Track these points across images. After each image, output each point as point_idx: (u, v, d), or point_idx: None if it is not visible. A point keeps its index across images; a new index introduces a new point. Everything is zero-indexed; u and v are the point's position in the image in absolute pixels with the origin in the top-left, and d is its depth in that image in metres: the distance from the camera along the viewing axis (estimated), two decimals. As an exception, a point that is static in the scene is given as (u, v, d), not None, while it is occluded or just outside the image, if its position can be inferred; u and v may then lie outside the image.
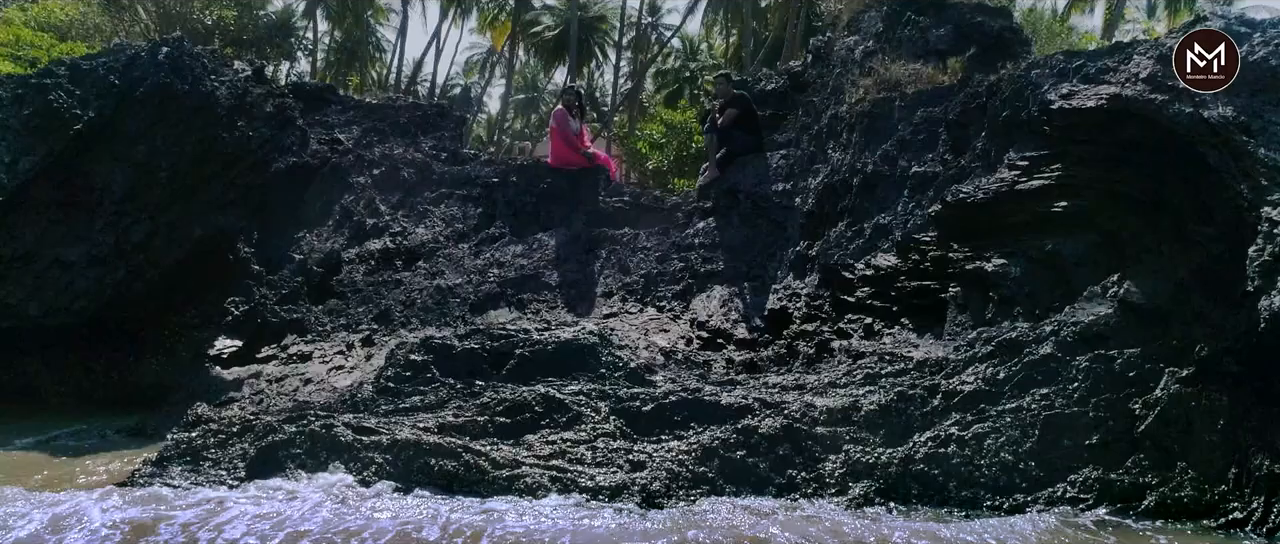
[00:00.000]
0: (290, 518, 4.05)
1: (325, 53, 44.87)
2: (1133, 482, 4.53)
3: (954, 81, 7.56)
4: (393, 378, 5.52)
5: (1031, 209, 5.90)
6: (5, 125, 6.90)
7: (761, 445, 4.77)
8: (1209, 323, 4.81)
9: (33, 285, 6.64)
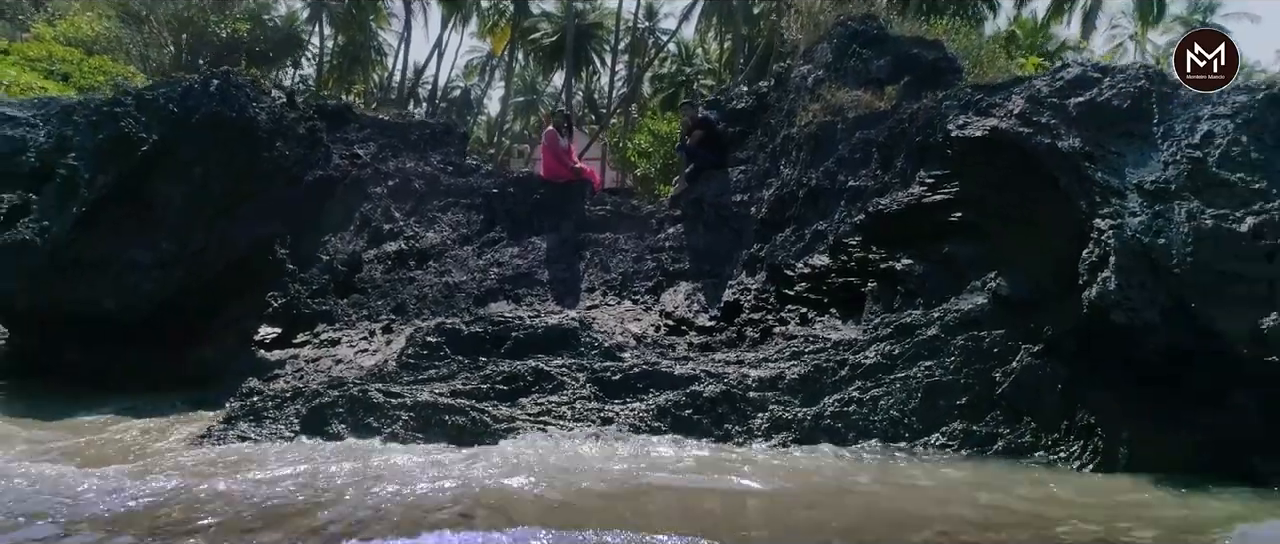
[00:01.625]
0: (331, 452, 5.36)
1: (329, 57, 46.10)
2: (989, 432, 5.84)
3: (889, 107, 8.86)
4: (413, 355, 6.84)
5: (934, 219, 7.23)
6: (82, 148, 8.23)
7: (704, 406, 6.08)
8: (1056, 312, 6.12)
9: (109, 284, 7.94)
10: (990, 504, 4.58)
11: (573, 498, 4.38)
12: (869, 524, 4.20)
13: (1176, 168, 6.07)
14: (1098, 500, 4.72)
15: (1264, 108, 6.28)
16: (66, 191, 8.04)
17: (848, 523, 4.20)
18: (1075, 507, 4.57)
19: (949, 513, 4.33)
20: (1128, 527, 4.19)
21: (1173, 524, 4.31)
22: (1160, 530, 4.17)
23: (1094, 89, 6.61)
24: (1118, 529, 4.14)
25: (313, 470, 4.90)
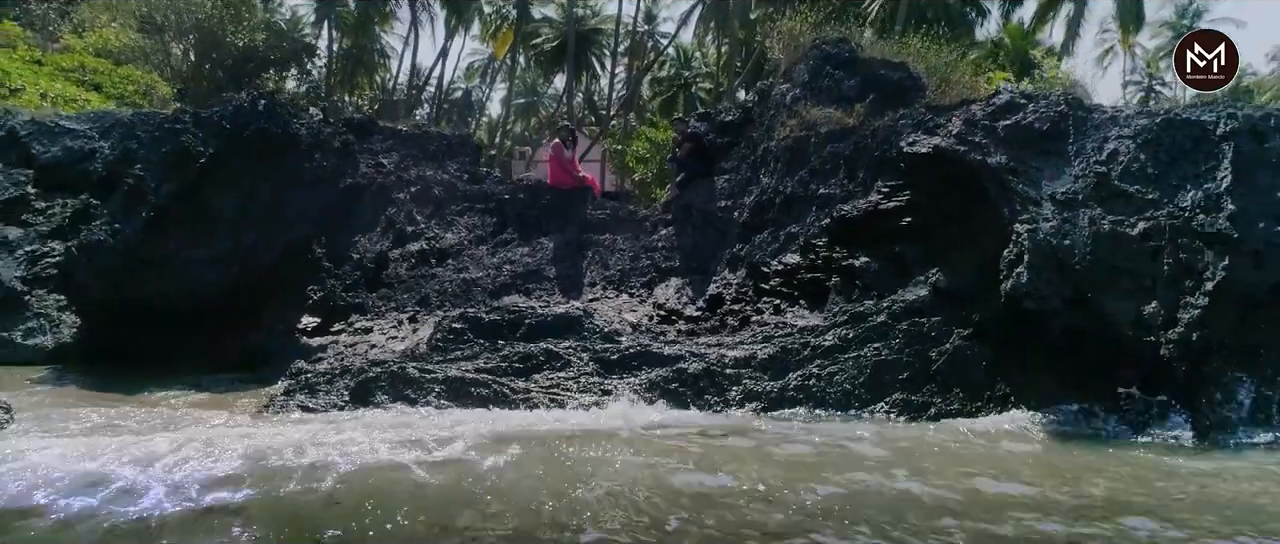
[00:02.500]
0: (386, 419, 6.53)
1: (334, 60, 47.19)
2: (924, 401, 7.02)
3: (857, 123, 10.04)
4: (441, 339, 8.01)
5: (888, 223, 8.41)
6: (148, 161, 9.40)
7: (688, 380, 7.26)
8: (984, 301, 7.29)
9: (172, 279, 9.10)
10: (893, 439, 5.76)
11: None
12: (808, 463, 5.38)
13: (1084, 181, 7.25)
14: (990, 443, 5.90)
15: (1160, 130, 7.46)
16: (135, 198, 9.20)
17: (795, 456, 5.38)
18: (969, 443, 5.74)
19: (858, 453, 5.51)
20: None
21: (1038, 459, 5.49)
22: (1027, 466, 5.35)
23: (1020, 113, 7.79)
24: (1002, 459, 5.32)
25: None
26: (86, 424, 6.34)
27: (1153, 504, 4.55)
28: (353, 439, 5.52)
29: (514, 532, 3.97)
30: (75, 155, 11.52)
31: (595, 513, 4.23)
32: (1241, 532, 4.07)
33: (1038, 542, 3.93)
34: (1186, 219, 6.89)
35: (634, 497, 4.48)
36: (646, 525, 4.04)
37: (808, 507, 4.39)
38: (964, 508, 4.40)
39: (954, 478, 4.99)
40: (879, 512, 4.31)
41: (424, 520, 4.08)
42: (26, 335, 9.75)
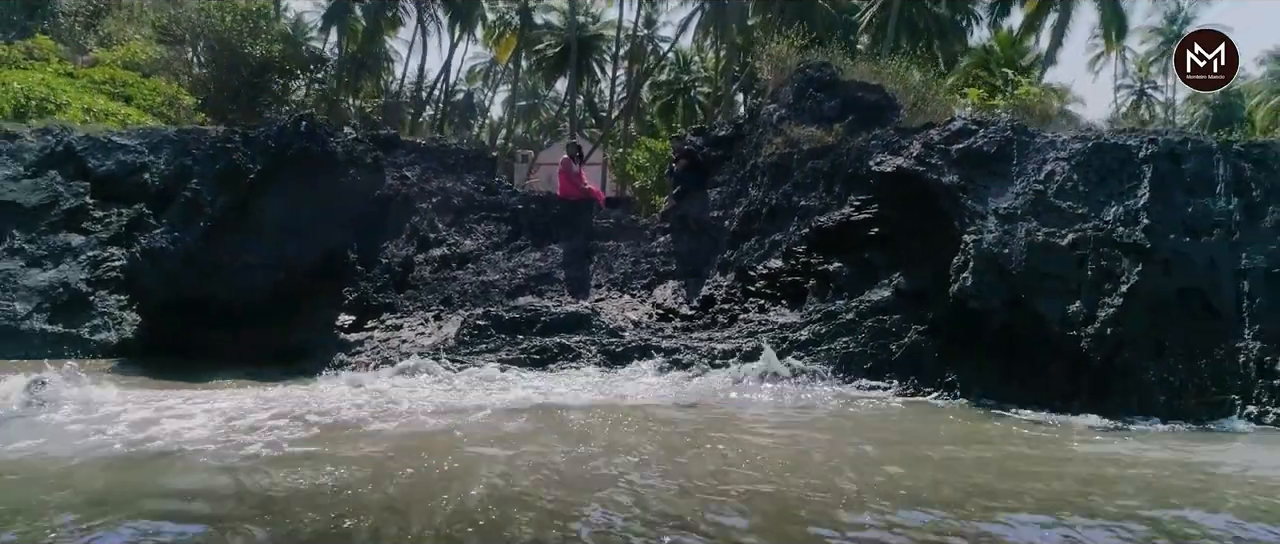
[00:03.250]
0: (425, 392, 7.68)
1: (338, 63, 48.24)
2: (884, 383, 8.18)
3: (836, 141, 11.19)
4: (467, 335, 9.18)
5: (858, 233, 9.58)
6: (203, 176, 10.57)
7: (681, 367, 8.42)
8: (937, 301, 8.46)
9: (226, 282, 10.25)
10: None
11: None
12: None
13: (1024, 197, 8.42)
14: (938, 418, 7.06)
15: (1091, 153, 8.63)
16: (192, 210, 10.37)
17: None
18: (907, 418, 6.91)
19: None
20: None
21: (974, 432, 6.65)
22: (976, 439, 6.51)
23: (971, 138, 8.96)
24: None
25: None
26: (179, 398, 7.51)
27: (999, 467, 5.66)
28: (406, 407, 6.70)
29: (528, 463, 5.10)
30: (128, 168, 12.67)
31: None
32: (1076, 499, 5.18)
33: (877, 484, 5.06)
34: (1109, 231, 8.06)
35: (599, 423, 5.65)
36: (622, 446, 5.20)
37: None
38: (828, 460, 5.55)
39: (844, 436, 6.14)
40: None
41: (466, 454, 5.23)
42: (93, 332, 10.92)
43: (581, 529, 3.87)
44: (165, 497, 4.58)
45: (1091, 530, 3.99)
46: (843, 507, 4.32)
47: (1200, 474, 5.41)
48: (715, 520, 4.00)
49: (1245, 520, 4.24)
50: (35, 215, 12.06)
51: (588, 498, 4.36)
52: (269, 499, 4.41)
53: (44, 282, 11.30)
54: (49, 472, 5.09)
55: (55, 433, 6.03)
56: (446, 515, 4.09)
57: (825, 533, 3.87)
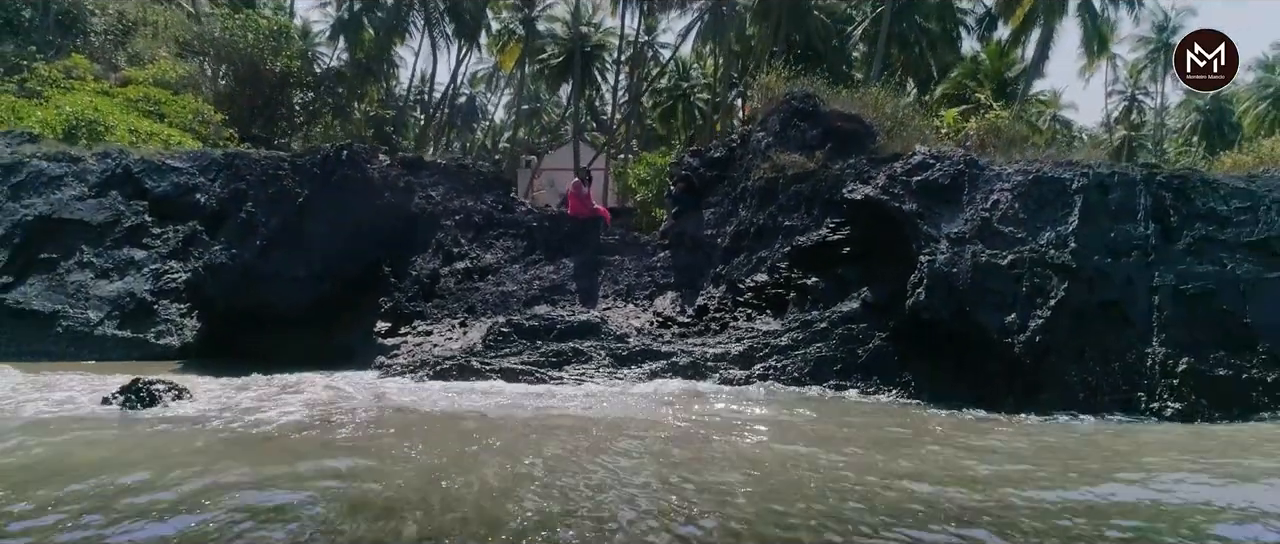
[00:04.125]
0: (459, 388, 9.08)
1: (344, 68, 49.60)
2: (851, 383, 9.58)
3: (817, 167, 12.58)
4: (493, 340, 10.58)
5: (833, 252, 10.98)
6: (258, 199, 11.98)
7: (679, 369, 9.83)
8: (898, 312, 9.85)
9: (278, 292, 11.66)
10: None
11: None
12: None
13: (972, 224, 9.83)
14: (897, 412, 8.46)
15: (1031, 184, 10.04)
16: (248, 229, 11.79)
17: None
18: (872, 414, 8.31)
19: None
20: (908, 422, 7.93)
21: (934, 421, 8.05)
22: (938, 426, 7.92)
23: (928, 171, 10.37)
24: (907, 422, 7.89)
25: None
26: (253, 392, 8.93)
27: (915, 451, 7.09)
28: (444, 398, 8.12)
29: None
30: (181, 189, 14.09)
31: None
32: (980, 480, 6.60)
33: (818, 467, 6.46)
34: (1042, 253, 9.47)
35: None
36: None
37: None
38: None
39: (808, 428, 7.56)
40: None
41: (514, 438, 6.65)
42: (158, 337, 12.34)
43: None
44: (281, 466, 6.00)
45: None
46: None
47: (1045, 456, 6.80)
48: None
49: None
50: (101, 232, 13.47)
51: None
52: (365, 466, 5.83)
53: (112, 292, 12.72)
54: (176, 451, 6.50)
55: (177, 422, 7.45)
56: (506, 480, 5.51)
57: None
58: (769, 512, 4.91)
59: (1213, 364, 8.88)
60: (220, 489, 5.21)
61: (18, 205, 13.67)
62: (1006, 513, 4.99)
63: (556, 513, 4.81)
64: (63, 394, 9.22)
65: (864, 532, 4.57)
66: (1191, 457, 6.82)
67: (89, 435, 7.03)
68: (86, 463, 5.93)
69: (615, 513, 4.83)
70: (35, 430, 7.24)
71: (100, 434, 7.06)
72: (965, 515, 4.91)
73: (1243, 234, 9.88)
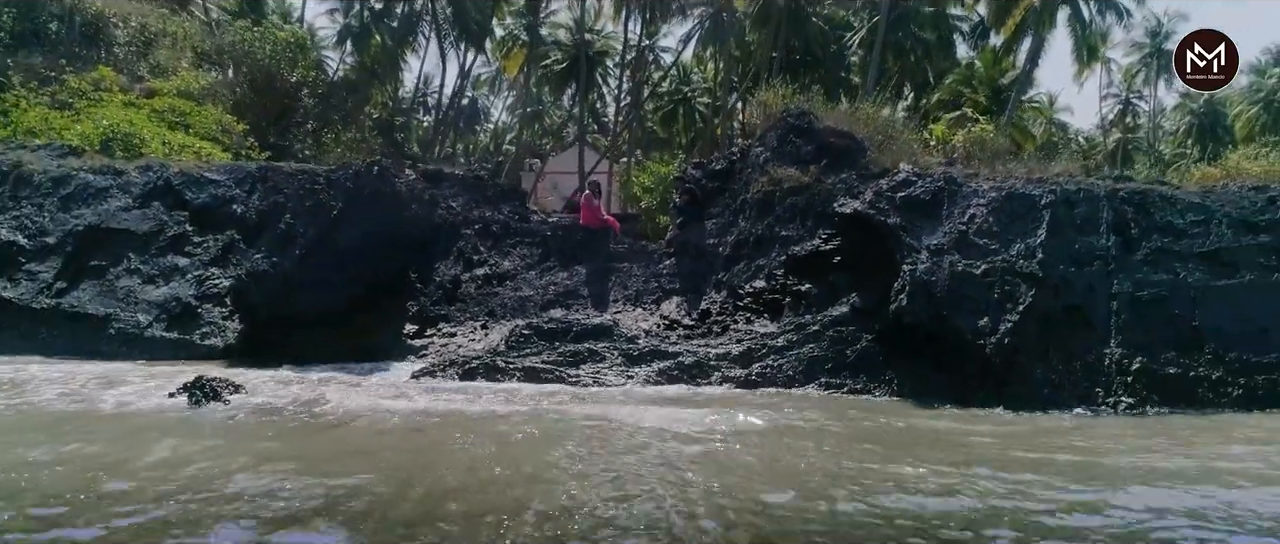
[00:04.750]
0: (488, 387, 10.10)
1: (349, 72, 50.59)
2: (841, 381, 10.60)
3: (812, 180, 13.59)
4: (514, 341, 11.60)
5: (825, 260, 12.01)
6: (295, 211, 13.00)
7: (684, 368, 10.85)
8: (883, 315, 10.88)
9: (314, 297, 12.68)
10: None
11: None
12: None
13: (950, 236, 10.85)
14: (878, 409, 9.49)
15: (1004, 200, 11.06)
16: (287, 239, 12.81)
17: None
18: (862, 409, 9.33)
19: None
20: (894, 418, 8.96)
21: (913, 415, 9.07)
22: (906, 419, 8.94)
23: (911, 187, 11.39)
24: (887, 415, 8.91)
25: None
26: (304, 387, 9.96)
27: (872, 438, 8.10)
28: (475, 394, 9.16)
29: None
30: (219, 201, 15.09)
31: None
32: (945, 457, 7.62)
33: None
34: (1013, 263, 10.49)
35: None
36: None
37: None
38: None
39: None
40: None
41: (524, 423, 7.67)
42: (202, 338, 13.34)
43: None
44: (342, 453, 7.02)
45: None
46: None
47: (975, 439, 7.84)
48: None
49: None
50: (146, 241, 14.48)
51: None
52: (413, 454, 6.86)
53: (159, 297, 13.74)
54: (250, 441, 7.53)
55: (242, 414, 8.49)
56: (545, 462, 6.54)
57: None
58: (771, 485, 5.95)
59: (1163, 364, 9.91)
60: (296, 473, 6.22)
61: (68, 216, 14.69)
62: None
63: (586, 491, 5.84)
64: (129, 389, 10.29)
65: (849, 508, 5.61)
66: (1114, 443, 7.86)
67: (167, 426, 8.07)
68: (179, 455, 6.95)
69: (653, 495, 5.86)
70: (116, 422, 8.29)
71: (177, 425, 8.10)
72: (942, 491, 5.95)
73: (1196, 245, 10.91)
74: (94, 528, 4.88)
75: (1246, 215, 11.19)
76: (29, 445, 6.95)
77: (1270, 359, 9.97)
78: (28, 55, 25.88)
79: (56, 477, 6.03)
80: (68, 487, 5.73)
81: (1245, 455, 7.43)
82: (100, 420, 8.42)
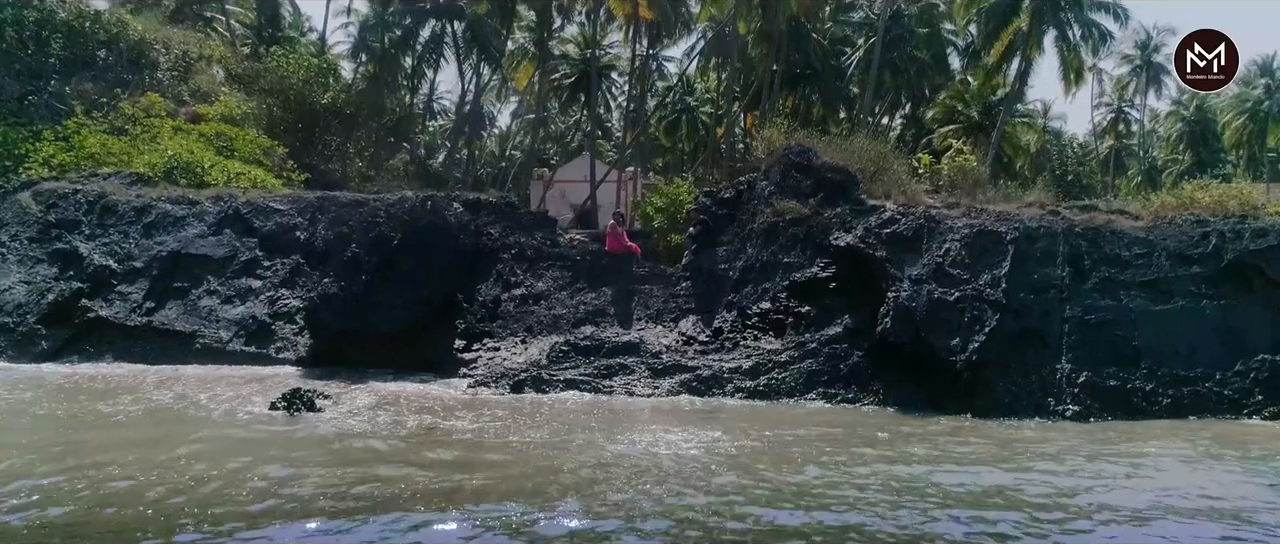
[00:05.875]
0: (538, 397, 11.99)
1: (360, 81, 52.37)
2: (834, 393, 12.50)
3: (811, 213, 15.48)
4: (554, 356, 13.50)
5: (823, 286, 13.91)
6: (361, 241, 14.89)
7: (703, 381, 12.75)
8: (871, 335, 12.77)
9: (377, 316, 14.56)
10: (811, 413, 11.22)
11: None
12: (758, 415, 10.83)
13: (928, 267, 12.75)
14: (862, 416, 11.38)
15: (975, 236, 12.96)
16: (354, 266, 14.70)
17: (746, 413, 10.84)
18: (848, 417, 11.22)
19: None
20: (878, 424, 10.84)
21: (899, 422, 10.96)
22: (892, 429, 10.83)
23: (896, 224, 13.29)
24: (871, 423, 10.80)
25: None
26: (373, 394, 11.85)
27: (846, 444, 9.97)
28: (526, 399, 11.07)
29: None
30: (284, 229, 17.00)
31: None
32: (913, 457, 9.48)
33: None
34: (981, 290, 12.39)
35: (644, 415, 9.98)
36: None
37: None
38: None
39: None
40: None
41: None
42: (276, 351, 15.24)
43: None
44: (438, 452, 8.91)
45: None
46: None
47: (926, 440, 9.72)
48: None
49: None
50: (222, 265, 16.39)
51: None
52: (495, 451, 8.75)
53: (237, 315, 15.65)
54: (355, 443, 9.42)
55: (339, 421, 10.39)
56: (607, 455, 8.44)
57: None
58: (774, 466, 7.86)
59: (1105, 377, 11.82)
60: (416, 472, 8.11)
61: (151, 242, 16.59)
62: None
63: (628, 477, 7.75)
64: (229, 392, 12.22)
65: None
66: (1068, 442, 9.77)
67: (278, 431, 9.95)
68: (302, 457, 8.84)
69: (688, 483, 7.77)
70: (229, 427, 10.17)
71: (283, 431, 9.98)
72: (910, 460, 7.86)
73: (1138, 275, 12.82)
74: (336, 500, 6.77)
75: (1183, 249, 13.09)
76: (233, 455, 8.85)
77: (1196, 373, 11.88)
78: (80, 82, 27.76)
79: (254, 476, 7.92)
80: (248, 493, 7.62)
81: (1154, 452, 9.34)
82: (211, 424, 10.31)
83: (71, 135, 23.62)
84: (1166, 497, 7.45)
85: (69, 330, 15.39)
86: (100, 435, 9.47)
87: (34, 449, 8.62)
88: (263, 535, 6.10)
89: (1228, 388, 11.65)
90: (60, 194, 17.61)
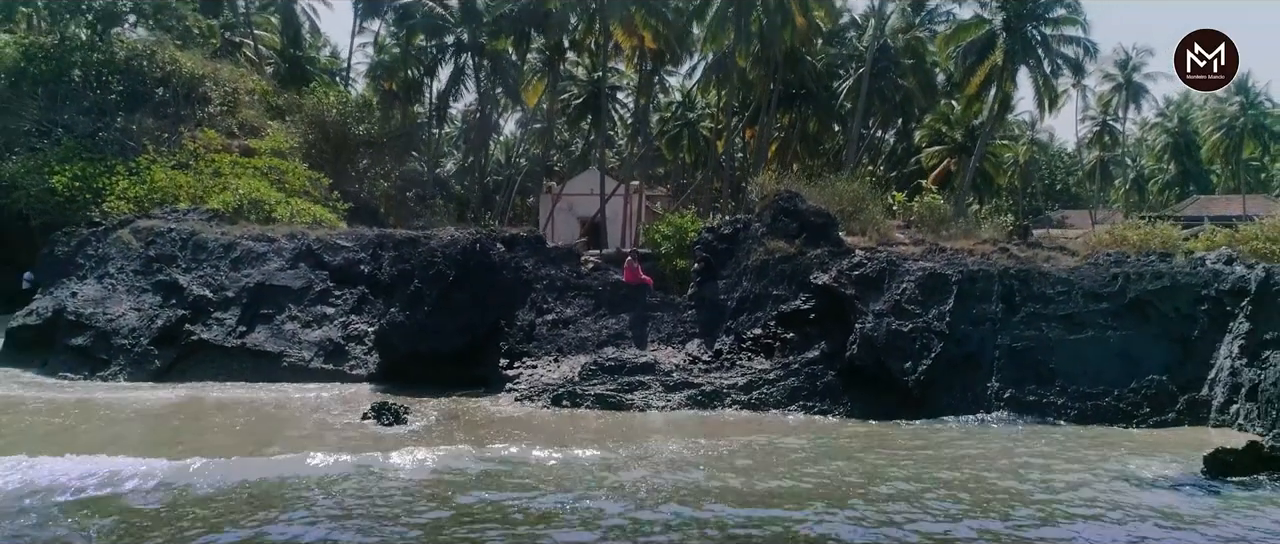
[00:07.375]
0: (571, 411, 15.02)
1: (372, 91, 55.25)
2: (813, 406, 15.53)
3: (795, 252, 18.52)
4: (585, 373, 16.54)
5: (805, 317, 16.97)
6: (421, 277, 17.93)
7: (705, 396, 15.80)
8: (842, 359, 15.80)
9: (436, 340, 17.57)
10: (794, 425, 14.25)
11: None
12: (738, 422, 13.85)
13: (888, 304, 15.79)
14: (833, 424, 14.42)
15: (926, 278, 16.01)
16: (417, 298, 17.72)
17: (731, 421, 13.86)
18: (821, 429, 14.26)
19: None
20: (847, 433, 13.88)
21: (863, 428, 13.99)
22: (863, 433, 13.86)
23: (863, 267, 16.35)
24: (840, 432, 13.85)
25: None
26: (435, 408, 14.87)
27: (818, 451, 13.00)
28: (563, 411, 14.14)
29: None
30: (349, 262, 20.02)
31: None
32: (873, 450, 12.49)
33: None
34: (929, 323, 15.43)
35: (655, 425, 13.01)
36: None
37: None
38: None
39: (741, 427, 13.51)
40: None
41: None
42: (351, 369, 18.27)
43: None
44: (510, 450, 11.95)
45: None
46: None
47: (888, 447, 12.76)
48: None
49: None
50: (299, 294, 19.42)
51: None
52: (556, 457, 11.80)
53: (316, 338, 18.68)
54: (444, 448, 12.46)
55: (423, 434, 13.44)
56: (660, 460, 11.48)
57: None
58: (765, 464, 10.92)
59: (1026, 393, 14.86)
60: (516, 467, 11.14)
61: (239, 275, 19.62)
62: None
63: (651, 471, 10.80)
64: (314, 398, 15.27)
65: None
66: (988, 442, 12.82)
67: (375, 442, 12.99)
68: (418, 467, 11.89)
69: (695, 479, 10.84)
70: (327, 435, 13.18)
71: (377, 438, 13.02)
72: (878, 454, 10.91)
73: (1058, 310, 15.85)
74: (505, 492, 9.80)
75: (1097, 288, 16.12)
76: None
77: (1098, 390, 14.91)
78: (142, 118, 30.71)
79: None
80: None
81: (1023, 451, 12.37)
82: (310, 433, 13.34)
83: (141, 170, 26.63)
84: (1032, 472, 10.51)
85: (176, 351, 18.39)
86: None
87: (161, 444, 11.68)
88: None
89: (1122, 402, 14.68)
90: (156, 231, 20.64)
